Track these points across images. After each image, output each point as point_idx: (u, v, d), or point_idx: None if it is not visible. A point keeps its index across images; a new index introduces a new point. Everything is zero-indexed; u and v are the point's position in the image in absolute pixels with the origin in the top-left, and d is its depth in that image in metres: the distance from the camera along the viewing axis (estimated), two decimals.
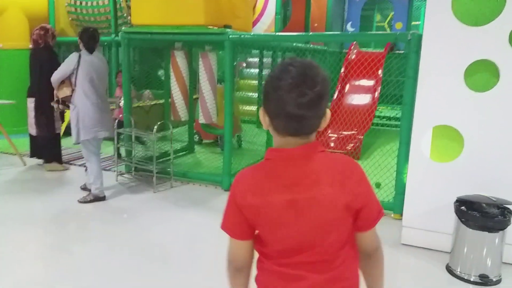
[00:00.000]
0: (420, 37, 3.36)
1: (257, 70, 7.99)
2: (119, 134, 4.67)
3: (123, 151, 5.13)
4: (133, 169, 4.85)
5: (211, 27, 4.30)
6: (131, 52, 9.81)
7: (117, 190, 4.46)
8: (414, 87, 3.37)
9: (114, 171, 4.77)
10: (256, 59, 8.34)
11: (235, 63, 9.88)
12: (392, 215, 3.86)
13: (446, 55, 3.01)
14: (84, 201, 4.04)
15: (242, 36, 4.30)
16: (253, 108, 8.28)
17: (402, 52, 7.84)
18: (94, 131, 3.93)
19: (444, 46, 3.00)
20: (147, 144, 5.14)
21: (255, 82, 8.22)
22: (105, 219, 3.80)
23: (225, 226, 1.21)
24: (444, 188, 3.13)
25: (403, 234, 3.38)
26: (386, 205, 3.90)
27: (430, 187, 3.21)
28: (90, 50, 3.94)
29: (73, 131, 3.94)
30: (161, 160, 4.90)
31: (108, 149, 5.65)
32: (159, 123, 4.35)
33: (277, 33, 5.37)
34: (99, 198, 4.08)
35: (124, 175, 4.88)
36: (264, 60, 7.49)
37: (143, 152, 4.99)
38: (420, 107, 3.16)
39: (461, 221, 2.85)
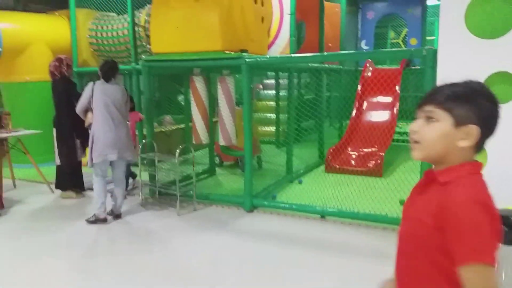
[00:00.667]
0: (435, 52, 3.39)
1: (273, 92, 8.16)
2: (142, 158, 4.79)
3: (146, 175, 5.23)
4: (157, 192, 4.94)
5: (228, 52, 4.43)
6: (151, 79, 10.16)
7: (142, 213, 4.55)
8: None
9: (139, 195, 4.87)
10: (273, 81, 8.50)
11: (252, 86, 10.11)
12: None
13: (463, 69, 3.00)
14: (89, 222, 4.20)
15: (258, 59, 4.41)
16: (272, 128, 8.38)
17: (418, 67, 7.85)
18: (104, 155, 4.08)
19: (460, 60, 3.03)
20: (169, 168, 5.24)
21: (272, 103, 8.34)
22: (131, 242, 3.87)
23: (493, 258, 1.10)
24: None
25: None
26: None
27: None
28: (106, 79, 4.19)
29: (89, 156, 4.14)
30: (183, 183, 4.98)
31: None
32: (181, 146, 4.45)
33: (292, 55, 5.46)
34: (100, 220, 4.19)
35: (148, 199, 4.98)
36: (281, 81, 7.64)
37: (166, 176, 5.08)
38: None
39: None
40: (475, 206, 1.08)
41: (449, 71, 3.07)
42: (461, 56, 3.02)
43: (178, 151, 4.38)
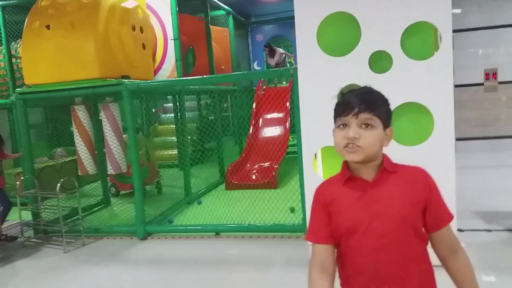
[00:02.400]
0: None
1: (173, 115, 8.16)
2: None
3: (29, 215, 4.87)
4: (42, 232, 4.62)
5: (108, 79, 4.37)
6: (42, 111, 9.53)
7: (24, 255, 4.23)
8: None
9: (22, 237, 4.52)
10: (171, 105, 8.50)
11: (154, 110, 10.00)
12: (303, 236, 4.05)
13: (319, 84, 3.34)
14: None
15: (140, 84, 4.42)
16: (174, 152, 8.34)
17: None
18: None
19: (316, 76, 3.34)
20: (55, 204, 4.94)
21: (173, 126, 8.33)
22: (13, 285, 3.57)
23: None
24: None
25: (310, 253, 3.56)
26: (297, 227, 4.11)
27: None
28: None
29: None
30: (72, 218, 4.73)
31: (15, 215, 5.34)
32: (62, 180, 4.24)
33: (173, 79, 5.56)
34: None
35: (32, 240, 4.63)
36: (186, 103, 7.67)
37: (53, 213, 4.78)
38: (305, 132, 3.44)
39: None
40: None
41: (308, 86, 3.38)
42: (316, 72, 3.34)
43: (59, 185, 4.17)
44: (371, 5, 3.16)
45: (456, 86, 7.64)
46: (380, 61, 3.22)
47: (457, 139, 3.27)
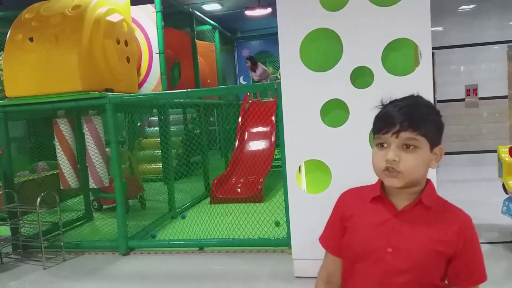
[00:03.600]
0: None
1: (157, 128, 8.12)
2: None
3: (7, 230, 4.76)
4: (21, 247, 4.51)
5: (91, 92, 4.34)
6: (24, 124, 9.39)
7: (2, 272, 4.10)
8: None
9: None
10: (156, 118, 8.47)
11: (139, 124, 9.94)
12: (288, 250, 4.04)
13: (302, 98, 3.37)
14: None
15: (123, 98, 4.40)
16: (158, 165, 8.26)
17: None
18: None
19: (299, 90, 3.37)
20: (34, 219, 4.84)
21: (158, 140, 8.28)
22: None
23: None
24: (325, 218, 3.38)
25: (295, 267, 3.54)
26: (282, 241, 4.09)
27: (311, 218, 3.43)
28: None
29: None
30: (52, 234, 4.63)
31: None
32: (42, 194, 4.16)
33: (157, 92, 5.55)
34: None
35: (11, 256, 4.51)
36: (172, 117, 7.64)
37: (33, 228, 4.67)
38: (289, 145, 3.46)
39: None
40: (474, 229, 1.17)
41: (291, 100, 3.41)
42: (299, 87, 3.37)
43: (38, 199, 4.09)
44: (352, 22, 3.22)
45: (438, 101, 7.86)
46: (362, 77, 3.27)
47: None
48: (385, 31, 3.18)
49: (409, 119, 1.11)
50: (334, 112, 3.41)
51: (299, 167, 3.54)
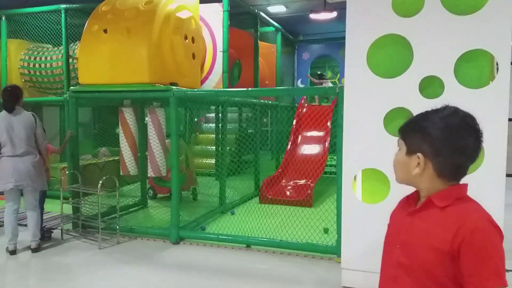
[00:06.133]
0: None
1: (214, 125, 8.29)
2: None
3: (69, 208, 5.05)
4: (80, 226, 4.78)
5: (157, 84, 4.51)
6: (90, 111, 9.98)
7: (60, 247, 4.38)
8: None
9: (61, 229, 4.69)
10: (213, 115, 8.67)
11: (196, 119, 10.22)
12: (336, 258, 3.96)
13: (365, 105, 3.29)
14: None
15: (187, 92, 4.53)
16: (212, 161, 8.44)
17: None
18: (3, 184, 4.01)
19: (363, 97, 3.30)
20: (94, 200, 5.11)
21: (213, 136, 8.45)
22: (46, 277, 3.69)
23: (506, 281, 1.13)
24: (379, 229, 3.28)
25: (343, 277, 3.46)
26: (331, 249, 4.02)
27: (365, 228, 3.35)
28: (7, 109, 4.09)
29: None
30: (109, 216, 4.87)
31: (57, 208, 5.56)
32: (104, 178, 4.38)
33: (218, 89, 5.67)
34: (9, 251, 4.12)
35: (70, 233, 4.80)
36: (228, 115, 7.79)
37: (92, 209, 4.94)
38: (347, 152, 3.39)
39: None
40: (492, 229, 1.13)
41: (354, 106, 3.34)
42: (364, 93, 3.30)
43: (100, 182, 4.31)
44: (425, 29, 3.10)
45: (510, 119, 7.34)
46: (431, 86, 3.14)
47: (508, 175, 3.10)
48: (460, 41, 3.03)
49: (405, 125, 1.29)
50: (398, 121, 3.28)
51: (355, 175, 3.45)
